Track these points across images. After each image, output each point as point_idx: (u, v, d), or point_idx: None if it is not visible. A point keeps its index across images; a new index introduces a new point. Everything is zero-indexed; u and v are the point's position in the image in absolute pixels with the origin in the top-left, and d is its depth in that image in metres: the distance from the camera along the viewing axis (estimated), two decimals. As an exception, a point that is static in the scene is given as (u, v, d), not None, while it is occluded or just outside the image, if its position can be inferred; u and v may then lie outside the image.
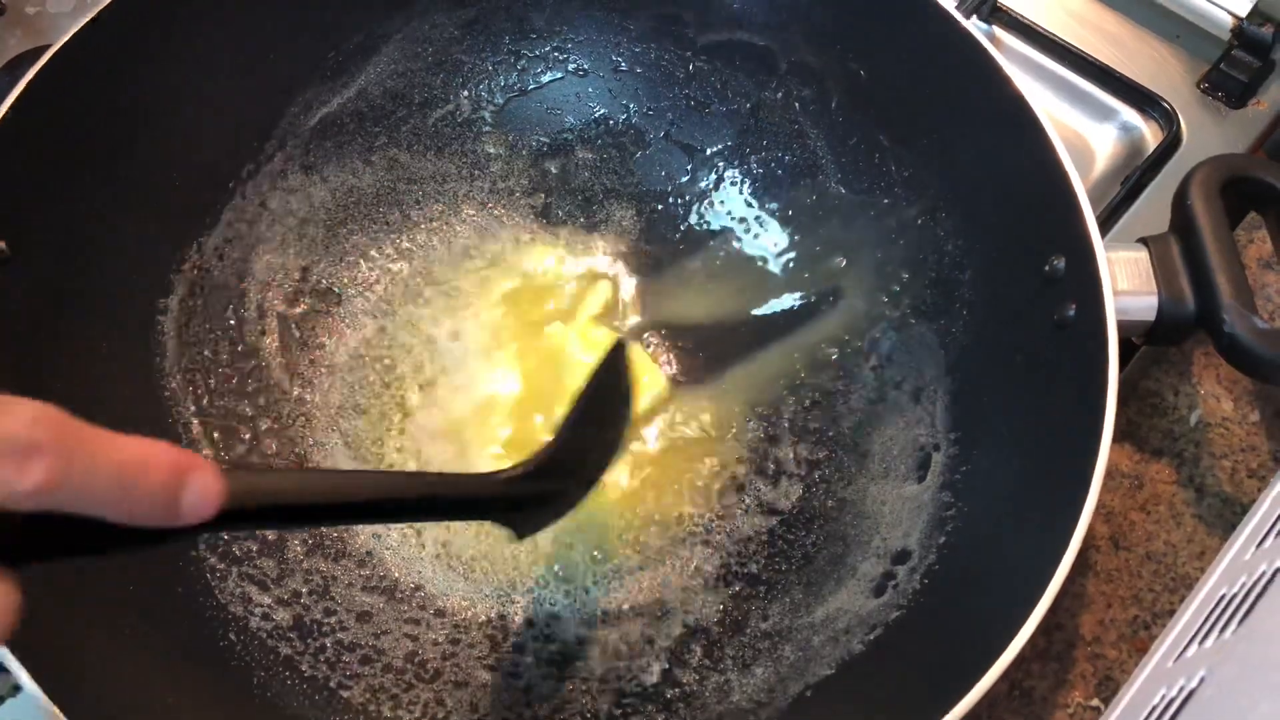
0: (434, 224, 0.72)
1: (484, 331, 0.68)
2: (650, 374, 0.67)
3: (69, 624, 0.51)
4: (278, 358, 0.67)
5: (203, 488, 0.34)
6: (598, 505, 0.63)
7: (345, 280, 0.70)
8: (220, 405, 0.64)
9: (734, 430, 0.66)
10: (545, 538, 0.62)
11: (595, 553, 0.62)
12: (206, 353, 0.65)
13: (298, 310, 0.68)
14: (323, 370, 0.67)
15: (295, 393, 0.66)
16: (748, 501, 0.64)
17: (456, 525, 0.63)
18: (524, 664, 0.59)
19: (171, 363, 0.64)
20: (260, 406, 0.65)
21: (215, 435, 0.63)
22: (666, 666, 0.59)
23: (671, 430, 0.66)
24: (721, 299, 0.70)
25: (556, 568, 0.62)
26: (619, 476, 0.64)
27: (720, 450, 0.65)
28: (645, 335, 0.69)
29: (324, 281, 0.69)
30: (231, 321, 0.67)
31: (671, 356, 0.68)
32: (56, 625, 0.50)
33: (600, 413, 0.53)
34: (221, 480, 0.34)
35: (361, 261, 0.70)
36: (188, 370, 0.64)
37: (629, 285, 0.71)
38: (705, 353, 0.69)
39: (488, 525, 0.62)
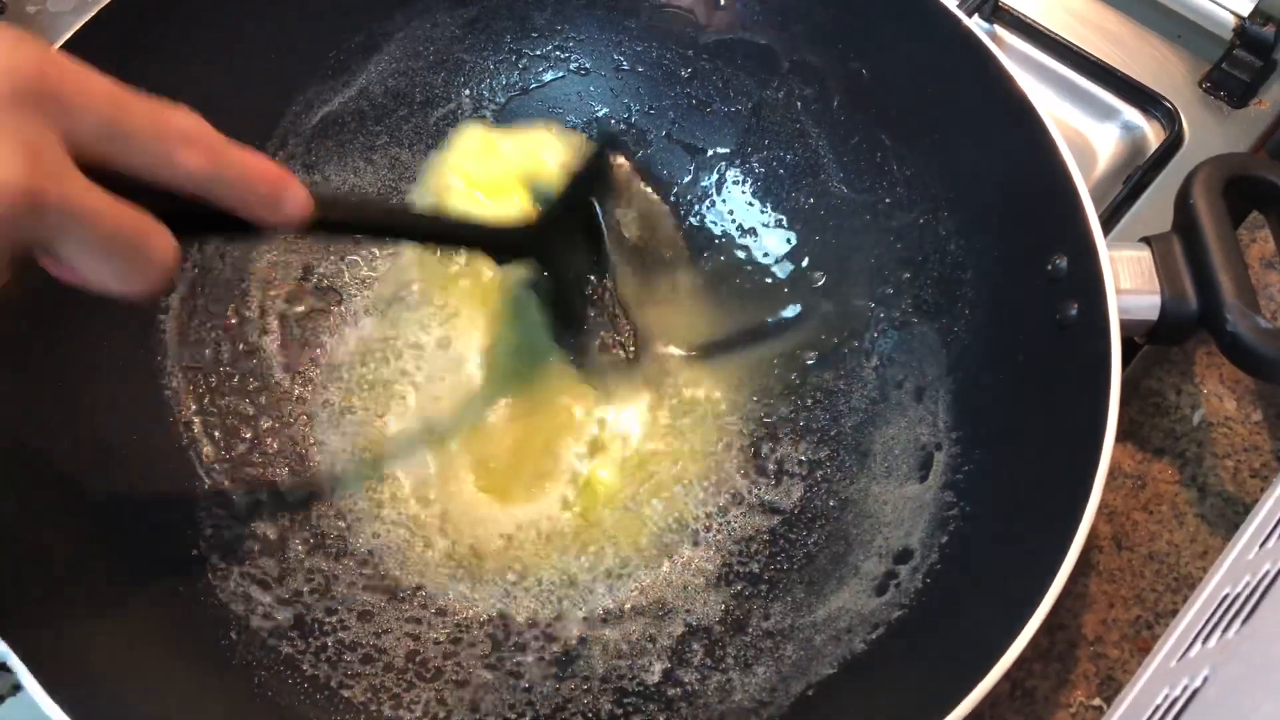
0: (435, 223, 0.72)
1: (483, 331, 0.68)
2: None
3: (70, 623, 0.51)
4: (278, 357, 0.67)
5: (296, 196, 0.44)
6: (598, 505, 0.63)
7: (347, 279, 0.70)
8: (221, 404, 0.64)
9: (735, 429, 0.66)
10: (545, 538, 0.62)
11: (596, 552, 0.62)
12: (207, 352, 0.65)
13: (299, 309, 0.68)
14: (324, 369, 0.67)
15: (296, 391, 0.66)
16: (749, 500, 0.64)
17: (459, 526, 0.63)
18: (525, 663, 0.59)
19: (172, 362, 0.64)
20: (261, 405, 0.65)
21: (216, 434, 0.63)
22: (668, 666, 0.59)
23: (672, 429, 0.66)
24: (722, 298, 0.70)
25: (558, 567, 0.62)
26: (618, 476, 0.64)
27: (721, 449, 0.65)
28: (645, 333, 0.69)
29: (325, 281, 0.69)
30: (233, 320, 0.67)
31: (671, 355, 0.68)
32: (58, 624, 0.50)
33: (583, 189, 0.68)
34: (310, 196, 0.45)
35: (362, 261, 0.70)
36: (188, 369, 0.64)
37: (631, 285, 0.71)
38: (705, 352, 0.68)
39: (488, 527, 0.63)
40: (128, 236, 0.39)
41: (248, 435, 0.64)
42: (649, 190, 0.72)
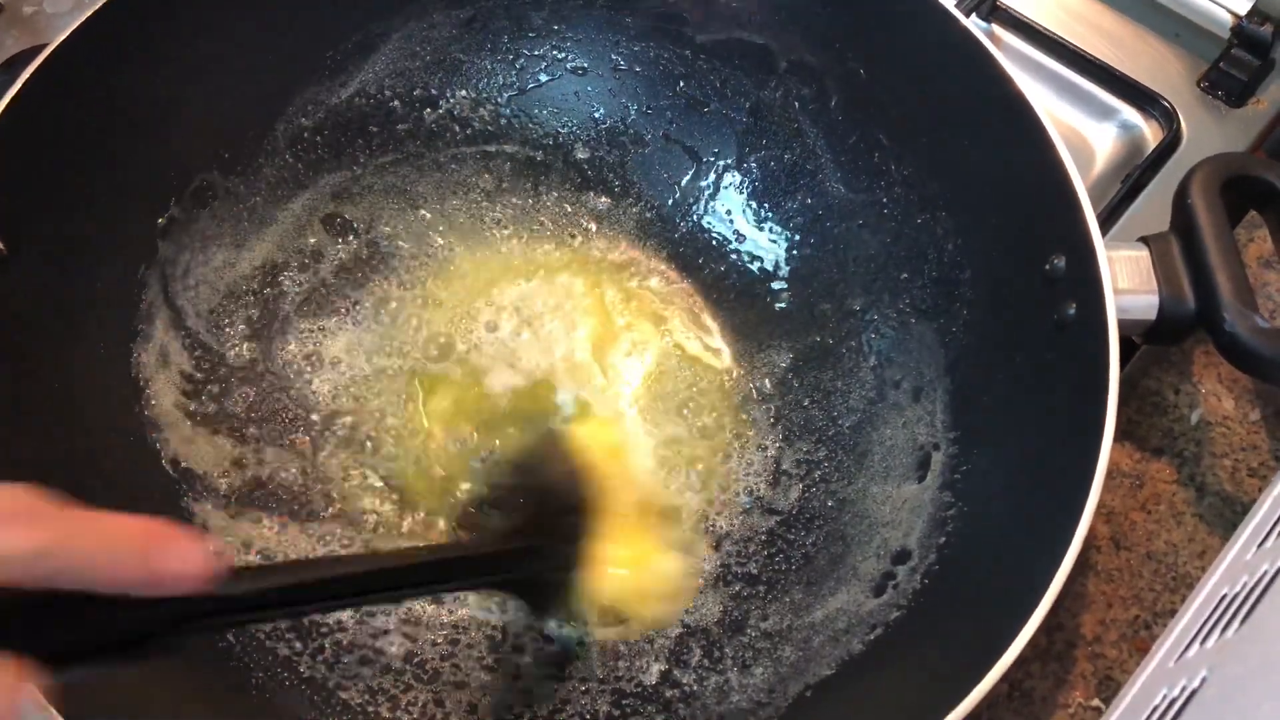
0: (431, 222, 0.71)
1: (482, 329, 0.68)
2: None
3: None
4: (274, 359, 0.66)
5: (183, 554, 0.34)
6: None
7: (342, 279, 0.69)
8: (216, 407, 0.64)
9: (732, 430, 0.66)
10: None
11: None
12: (201, 353, 0.65)
13: (296, 310, 0.68)
14: (320, 369, 0.67)
15: (292, 392, 0.66)
16: (746, 501, 0.64)
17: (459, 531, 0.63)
18: (523, 664, 0.59)
19: (154, 377, 0.63)
20: (256, 406, 0.65)
21: (213, 436, 0.63)
22: (665, 667, 0.59)
23: (668, 429, 0.66)
24: (721, 298, 0.70)
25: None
26: (617, 472, 0.64)
27: (718, 450, 0.65)
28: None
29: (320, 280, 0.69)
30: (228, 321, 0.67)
31: (670, 353, 0.68)
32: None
33: (554, 489, 0.58)
34: (205, 552, 0.35)
35: (359, 259, 0.70)
36: (184, 369, 0.64)
37: (629, 285, 0.70)
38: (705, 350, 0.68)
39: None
40: None
41: (242, 435, 0.64)
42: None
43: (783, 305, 0.70)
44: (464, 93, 0.73)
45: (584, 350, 0.68)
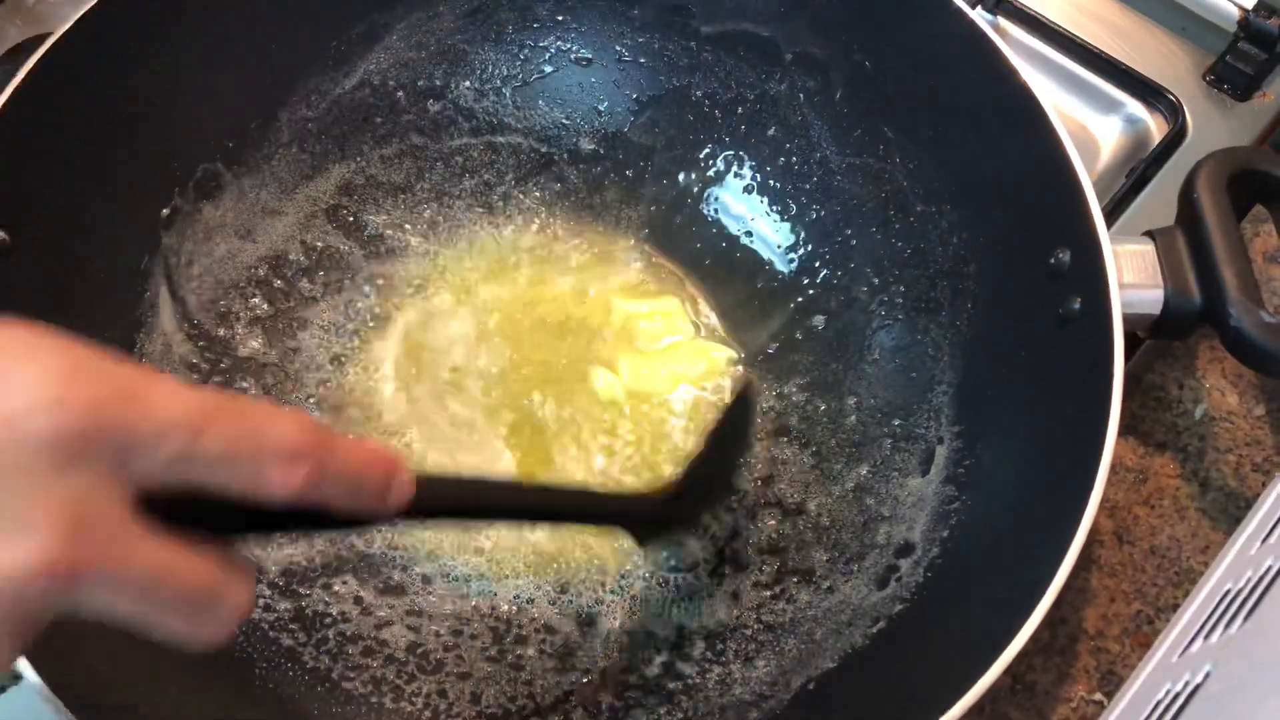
0: (435, 214, 0.71)
1: (481, 323, 0.68)
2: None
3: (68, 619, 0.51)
4: (278, 350, 0.66)
5: (400, 486, 0.38)
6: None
7: (346, 270, 0.69)
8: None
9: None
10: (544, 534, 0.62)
11: (599, 546, 0.62)
12: (205, 344, 0.65)
13: (299, 301, 0.68)
14: (325, 360, 0.67)
15: (296, 383, 0.66)
16: (750, 494, 0.64)
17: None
18: (526, 656, 0.59)
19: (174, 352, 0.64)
20: (260, 397, 0.65)
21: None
22: (668, 659, 0.59)
23: (669, 420, 0.66)
24: (723, 290, 0.70)
25: (561, 560, 0.62)
26: (616, 471, 0.64)
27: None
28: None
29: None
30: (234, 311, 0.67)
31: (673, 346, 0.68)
32: (55, 620, 0.50)
33: (724, 449, 0.61)
34: (412, 481, 0.38)
35: (364, 250, 0.70)
36: (189, 360, 0.64)
37: (633, 276, 0.70)
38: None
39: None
40: (194, 596, 0.33)
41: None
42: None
43: (786, 298, 0.69)
44: (468, 84, 0.73)
45: (594, 341, 0.68)
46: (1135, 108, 0.77)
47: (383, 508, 0.37)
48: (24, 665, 0.45)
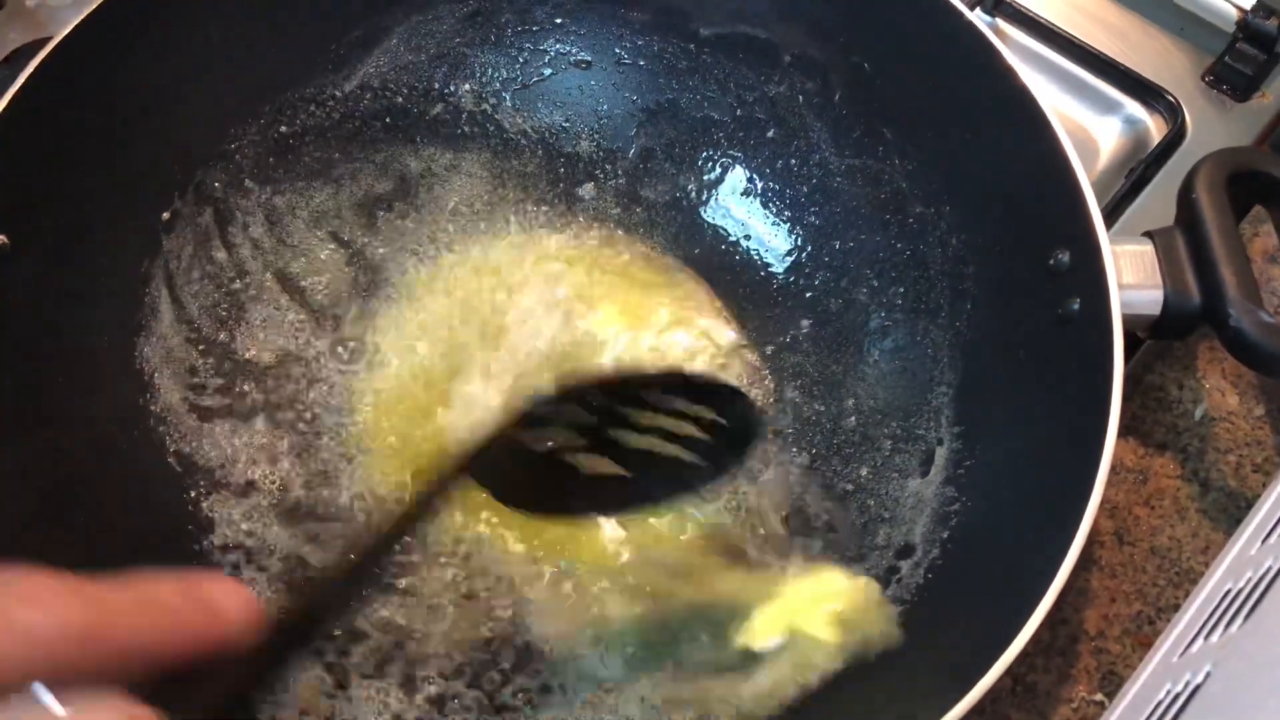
0: (436, 217, 0.71)
1: (490, 322, 0.68)
2: None
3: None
4: (279, 353, 0.66)
5: (226, 591, 0.33)
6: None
7: (346, 273, 0.69)
8: (222, 402, 0.64)
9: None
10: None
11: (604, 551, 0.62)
12: (206, 347, 0.65)
13: (300, 304, 0.68)
14: (327, 364, 0.67)
15: (298, 387, 0.66)
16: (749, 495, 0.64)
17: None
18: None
19: (160, 367, 0.63)
20: (262, 400, 0.65)
21: (219, 431, 0.63)
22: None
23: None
24: (723, 291, 0.70)
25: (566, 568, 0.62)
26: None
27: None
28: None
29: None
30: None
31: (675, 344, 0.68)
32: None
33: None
34: (242, 588, 0.34)
35: (364, 253, 0.70)
36: (189, 364, 0.64)
37: (632, 279, 0.70)
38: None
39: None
40: None
41: (246, 428, 0.64)
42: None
43: (785, 299, 0.69)
44: (467, 87, 0.73)
45: (597, 337, 0.68)
46: (1134, 108, 0.78)
47: (228, 624, 0.32)
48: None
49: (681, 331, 0.68)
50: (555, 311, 0.69)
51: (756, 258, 0.71)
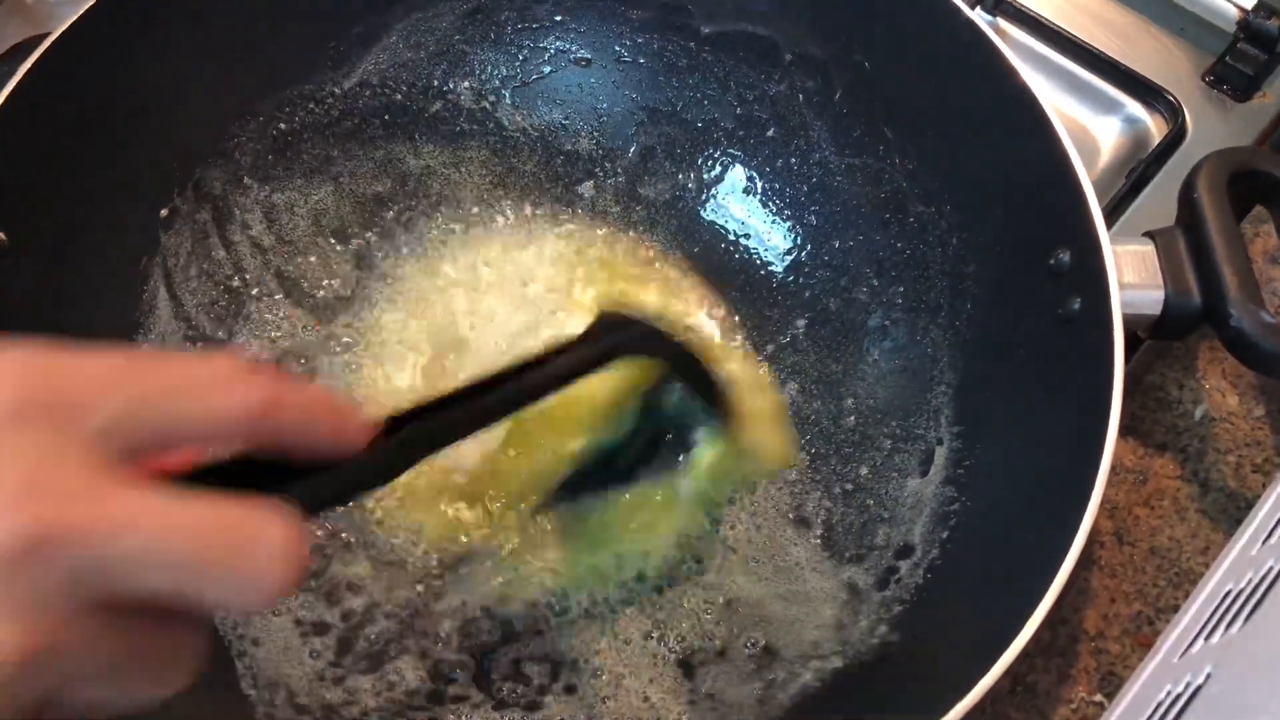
0: (436, 214, 0.71)
1: (487, 321, 0.68)
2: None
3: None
4: (276, 352, 0.66)
5: (354, 417, 0.37)
6: (593, 524, 0.63)
7: (346, 270, 0.69)
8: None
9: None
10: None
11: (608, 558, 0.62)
12: (204, 345, 0.65)
13: (299, 302, 0.68)
14: (327, 361, 0.67)
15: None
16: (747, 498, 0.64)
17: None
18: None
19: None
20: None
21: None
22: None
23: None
24: (723, 290, 0.70)
25: (557, 566, 0.62)
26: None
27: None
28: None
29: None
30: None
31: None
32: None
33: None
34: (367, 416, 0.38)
35: (363, 251, 0.70)
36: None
37: (632, 276, 0.70)
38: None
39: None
40: (219, 537, 0.31)
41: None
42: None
43: (784, 298, 0.69)
44: (467, 84, 0.73)
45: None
46: (1135, 108, 0.77)
47: (343, 441, 0.37)
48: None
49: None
50: (554, 310, 0.69)
51: (756, 257, 0.71)
